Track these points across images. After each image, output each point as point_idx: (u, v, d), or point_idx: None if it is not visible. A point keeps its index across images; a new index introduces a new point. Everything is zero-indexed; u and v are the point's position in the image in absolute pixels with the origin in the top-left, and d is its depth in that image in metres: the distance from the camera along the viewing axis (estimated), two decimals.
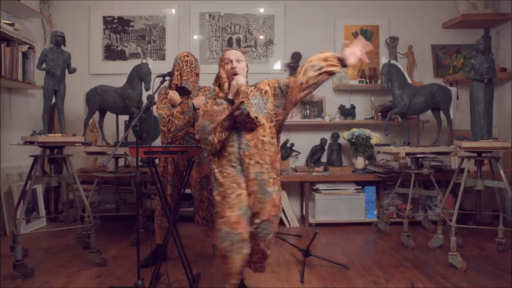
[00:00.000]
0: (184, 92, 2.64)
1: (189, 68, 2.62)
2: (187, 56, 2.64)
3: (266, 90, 2.05)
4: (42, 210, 3.77)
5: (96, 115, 3.52)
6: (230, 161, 1.98)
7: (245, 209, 1.93)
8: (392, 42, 4.25)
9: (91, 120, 3.68)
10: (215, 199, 1.98)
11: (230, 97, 2.00)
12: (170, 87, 2.64)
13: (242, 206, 1.93)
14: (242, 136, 1.99)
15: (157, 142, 4.13)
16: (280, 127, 2.13)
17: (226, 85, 2.07)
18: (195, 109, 2.58)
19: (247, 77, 2.14)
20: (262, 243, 1.99)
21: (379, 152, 4.12)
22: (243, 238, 1.91)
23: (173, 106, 2.60)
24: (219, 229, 1.92)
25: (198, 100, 2.61)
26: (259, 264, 2.12)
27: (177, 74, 2.60)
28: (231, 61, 2.06)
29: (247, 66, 2.14)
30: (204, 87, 2.73)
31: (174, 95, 2.59)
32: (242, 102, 1.96)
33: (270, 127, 2.01)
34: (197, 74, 2.68)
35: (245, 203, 1.94)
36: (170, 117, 2.55)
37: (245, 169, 1.96)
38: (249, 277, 2.52)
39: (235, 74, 2.04)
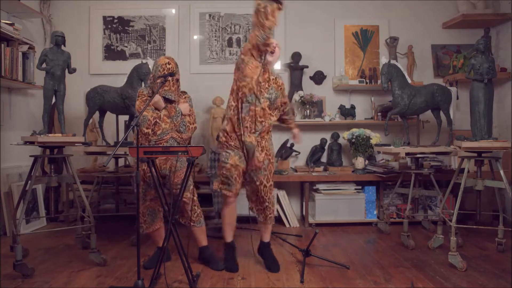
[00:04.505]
0: (168, 100, 2.57)
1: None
2: (169, 63, 2.53)
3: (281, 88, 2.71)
4: (42, 210, 3.77)
5: (96, 115, 3.52)
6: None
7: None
8: (392, 42, 4.25)
9: (91, 120, 3.68)
10: None
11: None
12: (153, 92, 2.54)
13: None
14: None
15: None
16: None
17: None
18: (182, 114, 2.57)
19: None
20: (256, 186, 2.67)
21: (379, 152, 4.12)
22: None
23: (156, 109, 2.54)
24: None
25: (183, 107, 2.59)
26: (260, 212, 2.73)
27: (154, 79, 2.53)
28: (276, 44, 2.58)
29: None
30: (184, 94, 2.67)
31: (160, 100, 2.52)
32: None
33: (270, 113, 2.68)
34: (177, 80, 2.61)
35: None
36: (157, 120, 2.50)
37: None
38: (248, 276, 2.54)
39: (272, 52, 2.57)
